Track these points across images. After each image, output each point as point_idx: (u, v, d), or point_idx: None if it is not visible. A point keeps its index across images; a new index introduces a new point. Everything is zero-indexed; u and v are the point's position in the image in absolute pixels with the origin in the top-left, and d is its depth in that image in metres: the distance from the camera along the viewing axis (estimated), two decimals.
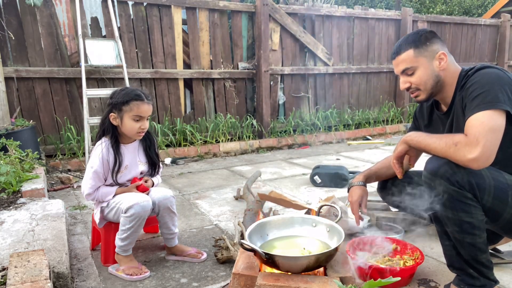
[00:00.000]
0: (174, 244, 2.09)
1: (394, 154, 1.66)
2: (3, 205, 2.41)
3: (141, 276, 1.88)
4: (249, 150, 5.05)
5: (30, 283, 1.39)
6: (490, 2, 11.80)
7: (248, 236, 1.55)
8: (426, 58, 1.60)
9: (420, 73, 1.61)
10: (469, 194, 1.44)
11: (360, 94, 6.40)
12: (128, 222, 1.87)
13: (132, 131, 1.92)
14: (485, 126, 1.38)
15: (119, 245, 1.92)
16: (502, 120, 1.41)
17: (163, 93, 4.80)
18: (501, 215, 1.47)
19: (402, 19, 6.43)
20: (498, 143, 1.39)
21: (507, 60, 7.83)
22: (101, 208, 1.98)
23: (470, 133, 1.40)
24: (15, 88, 4.08)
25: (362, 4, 10.82)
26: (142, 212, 1.86)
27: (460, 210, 1.45)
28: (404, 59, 1.62)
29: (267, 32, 5.17)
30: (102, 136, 1.99)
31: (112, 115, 1.91)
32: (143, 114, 1.91)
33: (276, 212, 2.48)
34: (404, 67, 1.63)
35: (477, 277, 1.52)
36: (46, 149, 4.17)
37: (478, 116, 1.41)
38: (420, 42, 1.60)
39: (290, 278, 1.41)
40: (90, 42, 4.08)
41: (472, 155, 1.37)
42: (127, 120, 1.90)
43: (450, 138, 1.45)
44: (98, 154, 1.92)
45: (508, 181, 1.47)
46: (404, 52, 1.62)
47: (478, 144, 1.36)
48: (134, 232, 1.90)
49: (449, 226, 1.52)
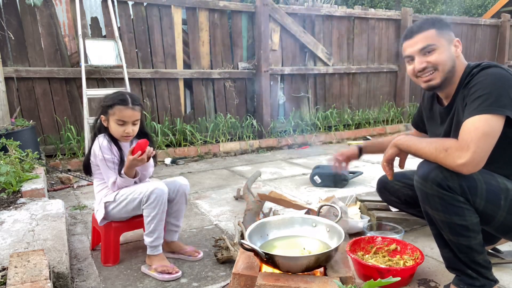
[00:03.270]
0: (175, 239, 2.10)
1: (385, 157, 1.66)
2: (3, 205, 2.41)
3: (174, 275, 1.86)
4: (249, 150, 5.05)
5: (30, 283, 1.39)
6: (490, 2, 11.80)
7: (248, 236, 1.55)
8: (446, 41, 1.58)
9: (440, 53, 1.57)
10: (461, 197, 1.44)
11: (360, 94, 6.40)
12: (152, 209, 1.87)
13: (117, 134, 1.96)
14: (478, 131, 1.37)
15: (149, 242, 1.92)
16: (499, 125, 1.40)
17: (163, 93, 4.80)
18: (494, 218, 1.48)
19: (402, 19, 6.43)
20: (490, 149, 1.39)
21: (507, 60, 7.83)
22: (105, 204, 1.98)
23: (462, 138, 1.40)
24: (15, 88, 4.08)
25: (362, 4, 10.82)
26: (163, 194, 1.88)
27: (453, 214, 1.46)
28: (426, 37, 1.58)
29: (267, 32, 5.17)
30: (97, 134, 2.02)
31: (102, 117, 1.97)
32: (126, 119, 1.92)
33: (276, 212, 2.48)
34: (426, 44, 1.58)
35: (476, 277, 1.52)
36: (46, 149, 4.17)
37: (473, 120, 1.40)
38: (441, 25, 1.59)
39: (290, 278, 1.41)
40: (90, 42, 4.08)
41: (461, 160, 1.37)
42: (112, 123, 1.94)
43: (441, 143, 1.45)
44: (101, 145, 1.94)
45: (500, 184, 1.47)
46: (426, 31, 1.58)
47: (469, 149, 1.36)
48: (160, 221, 1.90)
49: (443, 229, 1.52)
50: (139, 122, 1.99)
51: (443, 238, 1.57)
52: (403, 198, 1.99)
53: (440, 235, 1.58)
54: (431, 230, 1.62)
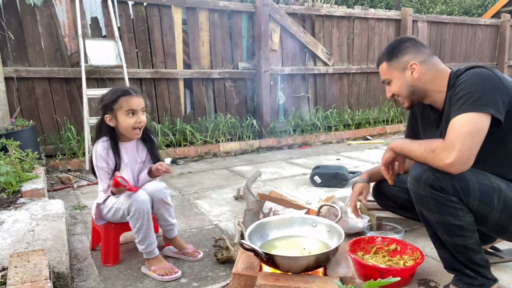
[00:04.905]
0: (173, 235, 2.09)
1: (382, 161, 1.71)
2: (3, 205, 2.41)
3: (173, 276, 1.86)
4: (249, 150, 5.05)
5: (30, 283, 1.39)
6: (490, 2, 11.80)
7: (248, 236, 1.55)
8: (398, 70, 1.68)
9: (394, 83, 1.70)
10: (454, 198, 1.45)
11: (360, 94, 6.40)
12: (135, 220, 1.87)
13: (128, 127, 1.91)
14: (463, 130, 1.38)
15: (142, 249, 1.92)
16: (484, 123, 1.40)
17: (163, 93, 4.80)
18: (488, 218, 1.48)
19: (402, 19, 6.43)
20: (477, 147, 1.39)
21: (507, 60, 7.83)
22: (97, 204, 1.99)
23: (448, 138, 1.41)
24: (15, 88, 4.08)
25: (362, 4, 10.82)
26: (142, 206, 1.86)
27: (447, 214, 1.46)
28: (381, 72, 1.74)
29: (267, 32, 5.17)
30: (98, 135, 2.00)
31: (107, 117, 1.92)
32: (135, 107, 1.90)
33: (276, 212, 2.48)
34: (383, 78, 1.75)
35: (475, 276, 1.53)
36: (46, 149, 4.17)
37: (458, 119, 1.41)
38: (391, 55, 1.68)
39: (290, 278, 1.41)
40: (90, 42, 4.08)
41: (448, 160, 1.38)
42: (121, 117, 1.89)
43: (429, 144, 1.47)
44: (96, 153, 1.94)
45: (493, 184, 1.47)
46: (381, 64, 1.74)
47: (454, 148, 1.37)
48: (147, 230, 1.89)
49: (438, 230, 1.53)
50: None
51: (440, 239, 1.57)
52: (399, 202, 1.99)
53: (436, 236, 1.59)
54: (427, 231, 1.63)
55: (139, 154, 2.06)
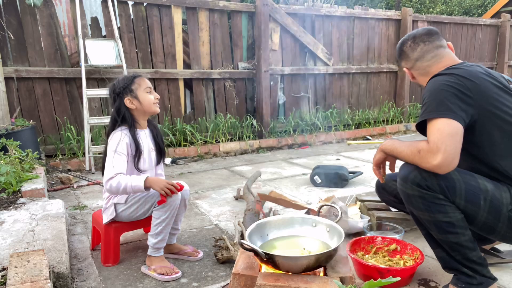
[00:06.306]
0: (173, 241, 2.11)
1: (373, 161, 1.77)
2: (3, 205, 2.41)
3: (173, 276, 1.87)
4: (249, 150, 5.05)
5: (30, 283, 1.39)
6: (490, 2, 11.80)
7: (248, 236, 1.55)
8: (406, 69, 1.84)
9: None
10: (441, 195, 1.48)
11: (360, 94, 6.40)
12: (163, 212, 1.88)
13: (150, 103, 1.97)
14: (442, 132, 1.41)
15: (153, 242, 1.92)
16: (457, 124, 1.43)
17: (163, 93, 4.80)
18: (476, 218, 1.51)
19: (402, 19, 6.43)
20: (459, 146, 1.42)
21: (507, 60, 7.83)
22: (116, 205, 1.97)
23: (430, 140, 1.44)
24: (15, 88, 4.08)
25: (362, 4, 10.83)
26: (176, 200, 1.88)
27: (436, 211, 1.49)
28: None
29: (267, 32, 5.17)
30: (115, 127, 1.97)
31: (127, 100, 1.94)
32: (150, 85, 2.01)
33: (276, 212, 2.48)
34: None
35: (473, 275, 1.54)
36: (46, 149, 4.17)
37: (433, 123, 1.45)
38: (398, 58, 1.85)
39: (290, 278, 1.41)
40: (90, 42, 4.08)
41: (435, 162, 1.41)
42: (142, 95, 1.95)
43: (415, 145, 1.50)
44: (119, 139, 1.90)
45: (480, 185, 1.49)
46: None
47: (439, 150, 1.40)
48: (168, 225, 1.91)
49: (431, 228, 1.56)
50: None
51: (434, 238, 1.59)
52: (400, 197, 1.99)
53: (430, 236, 1.61)
54: (421, 231, 1.65)
55: (151, 141, 2.07)
